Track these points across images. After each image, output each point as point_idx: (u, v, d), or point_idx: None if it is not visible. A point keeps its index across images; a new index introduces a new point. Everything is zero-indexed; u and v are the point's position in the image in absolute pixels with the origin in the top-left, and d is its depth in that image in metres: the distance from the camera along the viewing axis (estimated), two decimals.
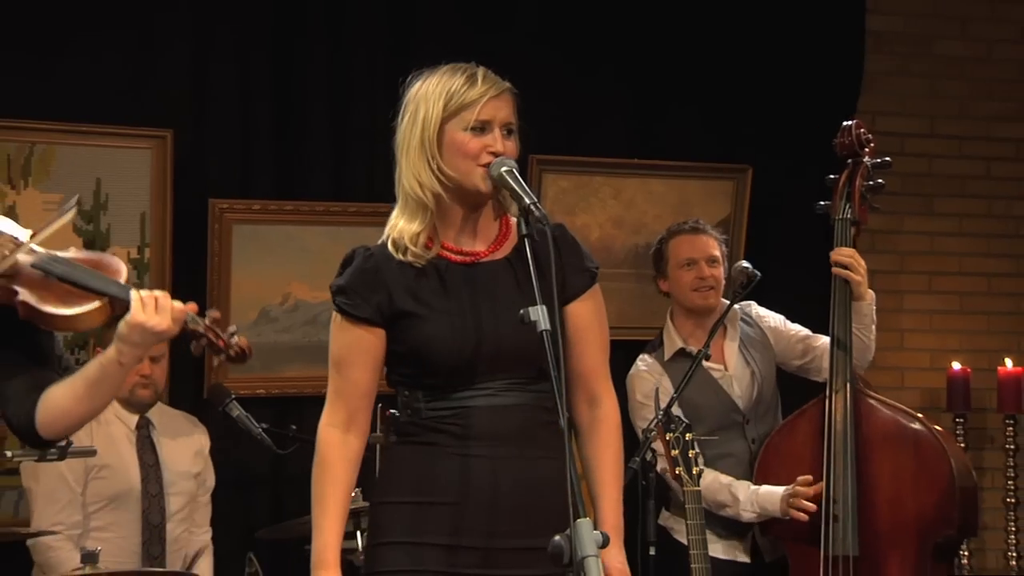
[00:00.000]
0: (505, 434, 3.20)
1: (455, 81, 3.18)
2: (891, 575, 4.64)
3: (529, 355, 3.18)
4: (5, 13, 5.31)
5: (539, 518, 3.17)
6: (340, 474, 3.23)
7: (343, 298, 3.20)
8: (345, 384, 3.23)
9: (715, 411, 4.85)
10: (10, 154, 5.35)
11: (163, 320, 2.78)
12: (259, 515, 5.40)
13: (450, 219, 3.24)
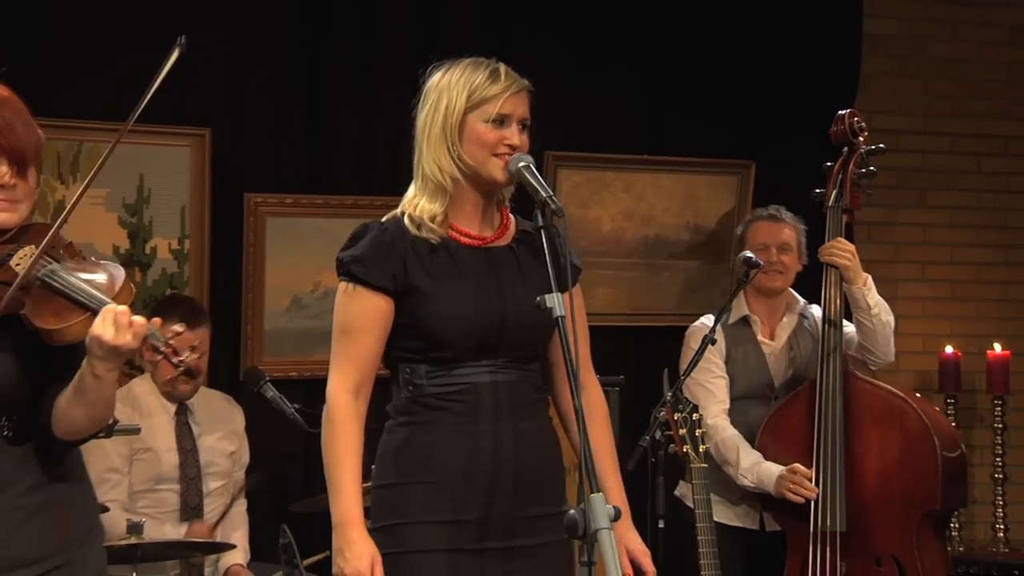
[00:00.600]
0: (504, 410, 3.21)
1: (479, 75, 3.20)
2: (878, 549, 4.65)
3: (531, 337, 3.24)
4: (57, 21, 5.34)
5: (541, 487, 3.23)
6: (356, 436, 3.19)
7: (359, 267, 3.18)
8: (357, 350, 3.19)
9: (752, 377, 4.90)
10: (60, 151, 5.37)
11: (121, 336, 2.68)
12: (291, 489, 5.42)
13: (461, 204, 3.25)
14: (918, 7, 6.57)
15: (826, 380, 4.69)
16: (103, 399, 2.82)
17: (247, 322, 5.60)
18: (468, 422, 3.19)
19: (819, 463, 4.65)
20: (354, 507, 3.14)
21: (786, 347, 4.95)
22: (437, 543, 3.16)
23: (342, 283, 3.23)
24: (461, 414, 3.19)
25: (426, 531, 3.17)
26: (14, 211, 2.89)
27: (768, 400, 4.92)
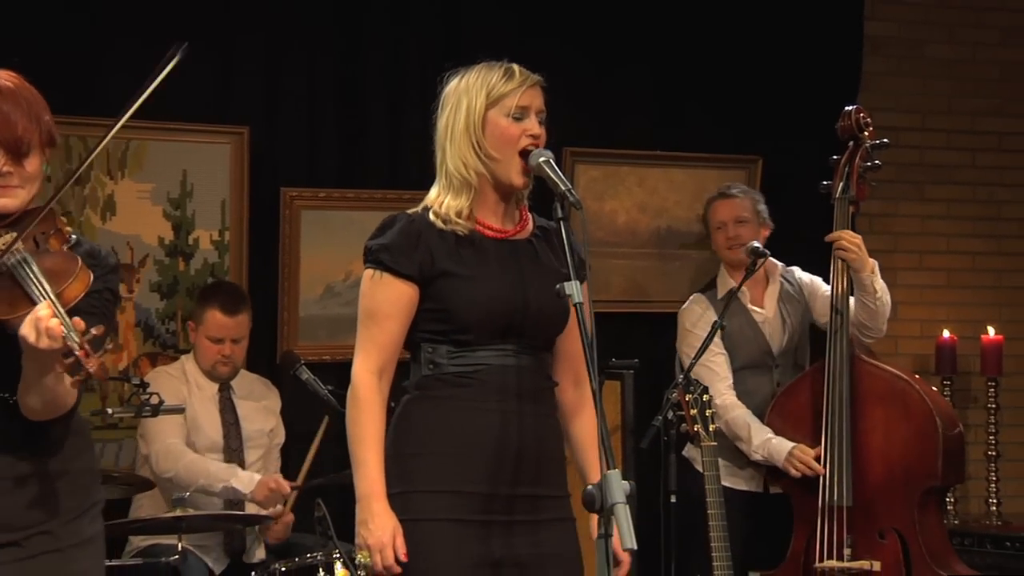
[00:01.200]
0: (517, 392, 3.21)
1: (494, 74, 3.22)
2: (881, 523, 4.66)
3: (548, 325, 3.26)
4: (106, 27, 5.36)
5: (544, 468, 3.23)
6: (379, 414, 3.20)
7: (387, 255, 3.18)
8: (382, 335, 3.20)
9: (751, 348, 4.92)
10: (108, 149, 5.37)
11: (41, 339, 2.63)
12: (325, 465, 5.42)
13: (485, 200, 3.25)
14: (916, 10, 6.55)
15: (833, 363, 4.70)
16: (48, 387, 2.77)
17: (283, 309, 5.61)
18: (482, 400, 3.20)
19: (827, 441, 4.66)
20: (377, 481, 3.16)
21: (777, 314, 4.96)
22: (444, 512, 3.16)
23: (369, 270, 3.23)
24: (476, 392, 3.20)
25: (435, 499, 3.17)
26: (12, 196, 2.85)
27: (769, 368, 4.94)
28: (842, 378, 4.68)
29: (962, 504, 6.37)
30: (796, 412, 4.78)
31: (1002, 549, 5.73)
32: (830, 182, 4.80)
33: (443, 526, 3.15)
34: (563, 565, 3.23)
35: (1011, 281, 6.67)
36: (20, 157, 2.84)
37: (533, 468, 3.20)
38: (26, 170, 2.86)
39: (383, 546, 3.11)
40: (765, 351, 4.94)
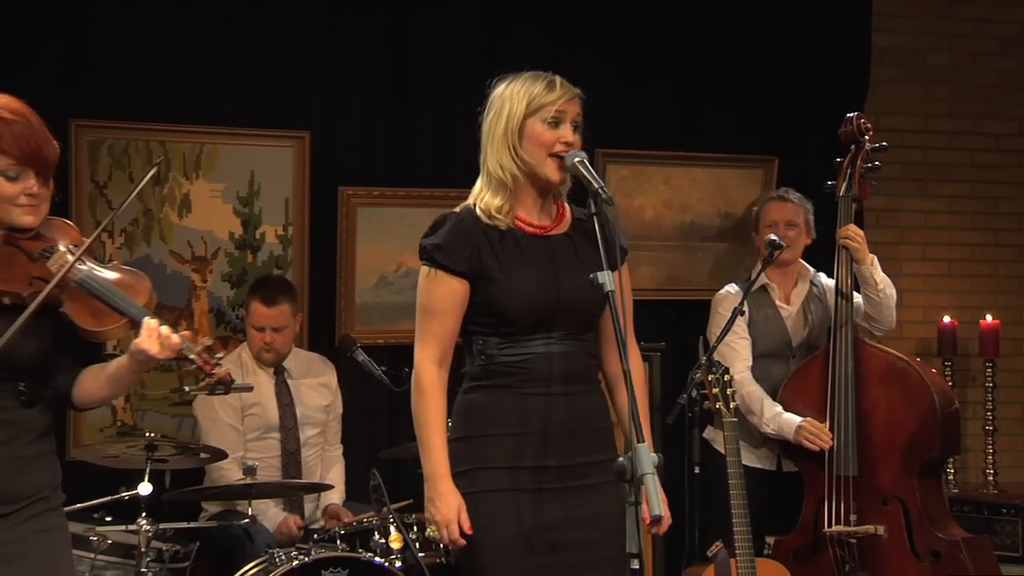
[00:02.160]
0: (562, 375, 3.23)
1: (537, 85, 3.23)
2: (884, 491, 4.67)
3: (586, 313, 3.26)
4: (182, 41, 5.39)
5: (590, 438, 3.26)
6: (441, 401, 3.24)
7: (440, 253, 3.20)
8: (440, 328, 3.22)
9: (772, 338, 4.93)
10: (185, 152, 5.42)
11: (163, 351, 2.80)
12: (380, 439, 5.46)
13: (523, 198, 3.26)
14: (919, 22, 6.52)
15: (839, 346, 4.70)
16: (127, 386, 2.98)
17: (341, 297, 5.63)
18: (530, 386, 3.22)
19: (833, 417, 4.67)
20: (442, 463, 3.19)
21: (801, 311, 4.97)
22: (503, 484, 3.20)
23: (424, 267, 3.25)
24: (525, 379, 3.22)
25: (494, 475, 3.20)
26: (38, 214, 2.93)
27: (787, 358, 4.94)
28: (847, 360, 4.69)
29: (961, 474, 6.36)
30: (806, 391, 4.78)
31: (998, 515, 5.72)
32: (834, 182, 4.80)
33: (503, 496, 3.19)
34: (605, 522, 3.24)
35: (1007, 271, 6.64)
36: (46, 179, 2.91)
37: (580, 439, 3.23)
38: (48, 189, 2.93)
39: (449, 521, 3.15)
40: (785, 342, 4.94)
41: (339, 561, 4.31)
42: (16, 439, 2.92)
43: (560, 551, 3.20)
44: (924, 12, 6.52)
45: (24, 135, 2.86)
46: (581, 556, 3.21)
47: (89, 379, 2.96)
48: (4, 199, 2.87)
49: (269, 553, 4.41)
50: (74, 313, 2.86)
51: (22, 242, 2.93)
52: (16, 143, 2.84)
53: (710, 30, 6.08)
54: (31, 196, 2.88)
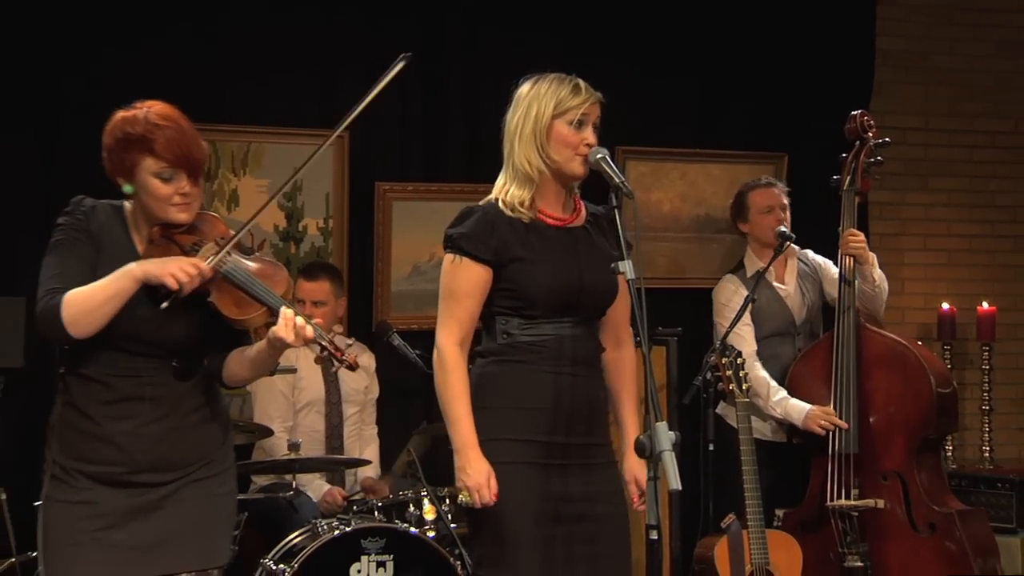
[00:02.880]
0: (574, 358, 3.23)
1: (564, 89, 3.23)
2: (884, 467, 4.67)
3: (602, 301, 3.28)
4: (231, 48, 5.42)
5: (596, 421, 3.27)
6: (464, 377, 3.24)
7: (466, 242, 3.21)
8: (462, 311, 3.22)
9: (777, 319, 4.92)
10: (233, 151, 5.45)
11: (297, 340, 2.89)
12: (414, 418, 5.47)
13: (545, 192, 3.27)
14: (920, 27, 6.49)
15: (843, 330, 4.70)
16: (267, 367, 3.08)
17: (377, 285, 5.65)
18: (547, 365, 3.22)
19: (836, 398, 4.66)
20: (470, 434, 3.19)
21: (798, 289, 4.96)
22: (516, 456, 3.20)
23: (449, 255, 3.25)
24: (542, 358, 3.22)
25: (508, 446, 3.21)
26: (190, 211, 3.01)
27: (792, 336, 4.94)
28: (850, 344, 4.68)
29: (959, 451, 6.34)
30: (811, 374, 4.78)
31: (994, 489, 5.71)
32: (839, 176, 4.78)
33: (518, 468, 3.19)
34: (610, 499, 3.26)
35: (1003, 260, 6.62)
36: (196, 179, 3.00)
37: (586, 421, 3.24)
38: (199, 188, 3.03)
39: (480, 487, 3.15)
40: (789, 321, 4.93)
41: (377, 531, 4.32)
42: (173, 412, 3.03)
43: (577, 524, 3.20)
44: (925, 17, 6.50)
45: (176, 139, 2.94)
46: (597, 531, 3.22)
47: (235, 361, 3.06)
48: (160, 199, 2.96)
49: (313, 523, 4.44)
50: (219, 302, 2.95)
51: (176, 236, 3.02)
52: (168, 147, 2.93)
53: (724, 35, 6.07)
54: (183, 196, 2.98)
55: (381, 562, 4.29)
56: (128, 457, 2.97)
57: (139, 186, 2.97)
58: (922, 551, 4.58)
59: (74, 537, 2.94)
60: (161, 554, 2.98)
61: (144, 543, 2.97)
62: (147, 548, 2.97)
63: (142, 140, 2.93)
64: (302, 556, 4.23)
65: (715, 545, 4.34)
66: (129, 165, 2.96)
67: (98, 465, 2.97)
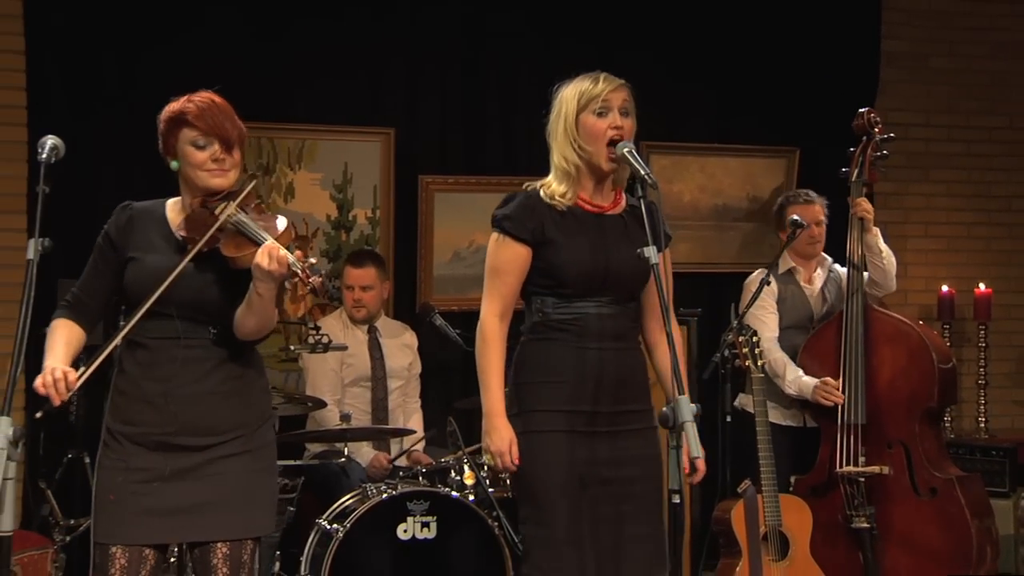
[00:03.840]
0: (609, 334, 3.21)
1: (585, 83, 3.22)
2: (889, 436, 4.64)
3: (630, 283, 3.24)
4: (287, 52, 5.44)
5: (630, 389, 3.24)
6: (501, 349, 3.22)
7: (509, 223, 3.20)
8: (504, 287, 3.21)
9: (797, 312, 4.90)
10: (289, 147, 5.47)
11: (271, 263, 2.81)
12: (454, 391, 5.47)
13: (584, 183, 3.25)
14: (922, 31, 6.44)
15: (851, 311, 4.67)
16: (265, 312, 2.92)
17: (421, 270, 5.65)
18: (581, 341, 3.20)
19: (845, 373, 4.64)
20: (499, 401, 3.19)
21: (821, 292, 4.94)
22: (555, 426, 3.19)
23: (495, 234, 3.24)
24: (576, 335, 3.20)
25: (548, 417, 3.19)
26: (225, 177, 3.00)
27: (808, 330, 4.92)
28: (857, 324, 4.65)
29: (957, 422, 6.31)
30: (823, 350, 4.75)
31: (989, 457, 5.69)
32: (848, 169, 4.76)
33: (551, 436, 3.18)
34: (646, 462, 3.24)
35: (999, 246, 6.57)
36: (229, 149, 2.99)
37: (621, 390, 3.22)
38: (233, 158, 3.01)
39: (502, 452, 3.15)
40: (808, 316, 4.92)
41: (421, 495, 4.34)
42: (207, 377, 2.98)
43: (607, 485, 3.18)
44: (926, 21, 6.44)
45: (208, 110, 2.98)
46: (626, 490, 3.20)
47: (239, 312, 2.96)
48: (196, 165, 2.97)
49: (363, 487, 4.45)
50: (224, 247, 2.94)
51: (211, 202, 3.01)
52: (201, 116, 2.97)
53: (741, 39, 6.04)
54: (217, 161, 2.97)
55: (425, 523, 4.31)
56: (164, 418, 2.93)
57: (181, 158, 3.00)
58: (924, 513, 4.56)
59: (118, 498, 2.92)
60: (198, 518, 2.94)
61: (182, 507, 2.92)
62: (185, 512, 2.92)
63: (181, 114, 2.99)
64: (353, 517, 4.26)
65: (732, 508, 4.33)
66: (173, 141, 3.00)
67: (138, 427, 2.94)
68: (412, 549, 4.29)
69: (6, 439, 2.49)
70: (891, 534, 4.59)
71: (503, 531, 4.37)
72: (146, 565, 2.93)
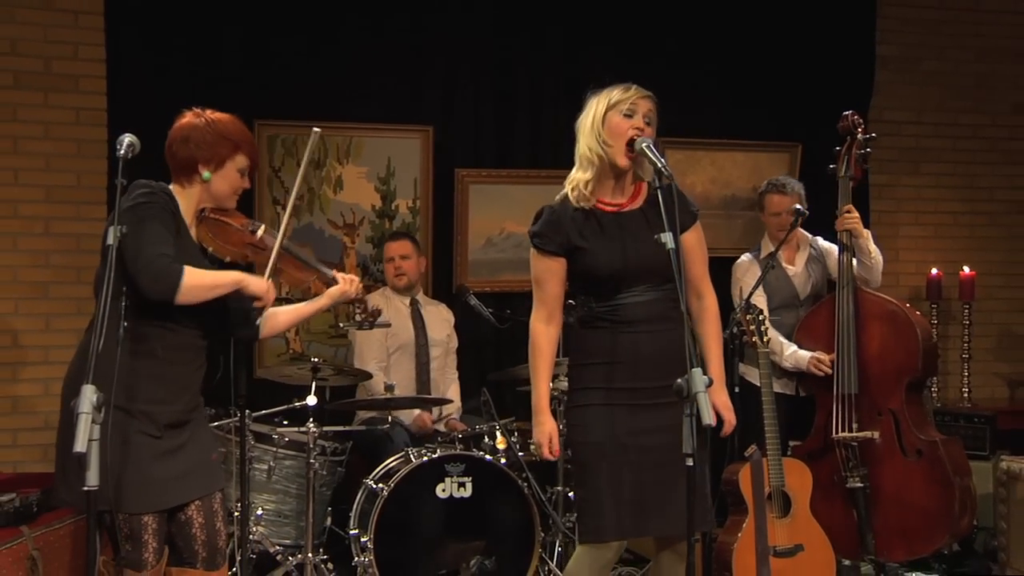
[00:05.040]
0: (645, 318, 3.23)
1: (616, 89, 3.26)
2: (879, 404, 4.62)
3: (659, 268, 3.22)
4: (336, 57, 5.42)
5: (671, 367, 3.21)
6: (548, 352, 3.30)
7: (539, 240, 3.27)
8: (545, 295, 3.29)
9: (784, 293, 4.88)
10: (338, 143, 5.47)
11: (354, 290, 3.20)
12: (487, 365, 5.48)
13: (604, 180, 3.27)
14: (913, 36, 6.37)
15: (843, 295, 4.66)
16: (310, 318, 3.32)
17: (456, 254, 5.65)
18: (618, 328, 3.24)
19: (839, 349, 4.63)
20: (544, 398, 3.27)
21: (804, 270, 4.91)
22: (597, 400, 3.25)
23: (532, 250, 3.31)
24: (614, 322, 3.24)
25: (591, 394, 3.26)
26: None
27: (796, 307, 4.90)
28: (849, 303, 4.64)
29: (943, 392, 6.27)
30: (817, 328, 4.75)
31: (971, 423, 5.65)
32: (835, 165, 4.75)
33: (596, 410, 3.25)
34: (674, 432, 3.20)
35: (982, 233, 6.51)
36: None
37: (657, 368, 3.22)
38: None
39: (542, 444, 3.28)
40: (794, 295, 4.90)
41: (458, 458, 4.36)
42: (201, 364, 3.08)
43: (648, 453, 3.22)
44: (917, 28, 6.38)
45: (256, 149, 3.12)
46: (666, 458, 3.21)
47: (282, 319, 3.24)
48: (235, 189, 3.07)
49: (406, 450, 4.47)
50: (286, 268, 3.12)
51: (225, 217, 3.06)
52: (256, 151, 3.10)
53: (750, 44, 6.00)
54: (243, 189, 3.11)
55: (462, 483, 4.33)
56: (179, 398, 2.99)
57: (221, 175, 3.00)
58: (911, 472, 4.56)
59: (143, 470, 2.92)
60: (193, 481, 3.02)
61: (188, 471, 3.00)
62: (181, 477, 2.98)
63: (246, 143, 3.02)
64: (397, 477, 4.28)
65: (740, 471, 4.32)
66: (222, 155, 2.99)
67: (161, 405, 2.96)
68: (449, 506, 4.31)
69: (91, 405, 2.50)
70: (882, 492, 4.59)
71: (531, 491, 4.38)
72: (163, 525, 2.99)
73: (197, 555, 3.05)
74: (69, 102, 5.10)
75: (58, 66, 5.09)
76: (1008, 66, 6.47)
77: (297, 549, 4.48)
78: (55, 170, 5.09)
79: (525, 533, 4.33)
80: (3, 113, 5.02)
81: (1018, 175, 6.52)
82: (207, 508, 3.06)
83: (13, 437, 4.98)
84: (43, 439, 4.94)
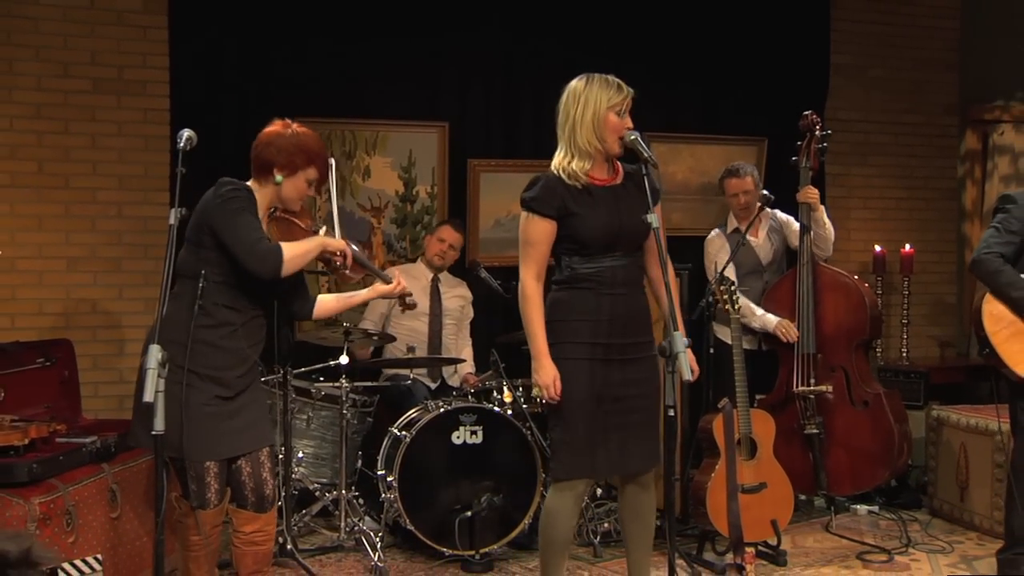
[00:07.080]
0: (623, 281, 3.17)
1: (611, 89, 3.17)
2: (833, 362, 4.65)
3: (638, 239, 3.19)
4: (364, 61, 5.31)
5: (639, 325, 3.21)
6: (540, 304, 3.19)
7: (536, 203, 3.15)
8: (536, 254, 3.17)
9: (750, 261, 4.88)
10: (366, 137, 5.38)
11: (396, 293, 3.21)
12: (496, 328, 5.41)
13: (598, 163, 3.19)
14: (862, 47, 6.30)
15: (803, 268, 4.66)
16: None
17: (469, 233, 5.57)
18: (600, 288, 3.16)
19: (799, 314, 4.62)
20: (543, 344, 3.15)
21: (767, 240, 4.90)
22: (581, 355, 3.16)
23: (524, 212, 3.20)
24: (596, 283, 3.16)
25: (575, 348, 3.16)
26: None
27: (761, 274, 4.89)
28: (808, 276, 4.65)
29: (886, 352, 6.24)
30: (781, 297, 4.77)
31: (909, 379, 5.68)
32: (796, 158, 4.69)
33: (579, 363, 3.16)
34: (647, 384, 3.24)
35: (920, 216, 6.46)
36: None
37: (630, 327, 3.19)
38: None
39: (548, 385, 3.13)
40: (758, 263, 4.88)
41: (471, 409, 4.32)
42: (262, 339, 3.06)
43: (619, 402, 3.17)
44: (865, 40, 6.32)
45: (327, 165, 3.06)
46: (633, 406, 3.18)
47: (333, 304, 3.22)
48: (302, 195, 3.05)
49: (424, 403, 4.42)
50: (352, 270, 3.11)
51: (293, 218, 3.03)
52: (326, 168, 3.04)
53: (723, 52, 5.92)
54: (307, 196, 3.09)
55: (474, 431, 4.29)
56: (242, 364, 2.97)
57: (292, 182, 2.98)
58: (859, 420, 4.62)
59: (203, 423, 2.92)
60: (247, 437, 2.99)
61: (237, 430, 2.97)
62: (237, 433, 2.97)
63: (316, 157, 2.98)
64: (418, 426, 4.25)
65: (713, 420, 4.26)
66: (297, 165, 2.96)
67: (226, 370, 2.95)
68: (463, 451, 4.27)
69: (156, 362, 2.54)
70: (833, 437, 4.63)
71: (534, 438, 4.33)
72: (224, 471, 2.99)
73: (247, 499, 3.05)
74: (138, 104, 5.10)
75: (129, 73, 5.08)
76: (940, 74, 6.45)
77: (332, 487, 4.51)
78: (127, 162, 5.11)
79: (528, 474, 4.29)
80: (84, 114, 5.03)
81: (949, 167, 6.49)
82: (254, 460, 3.04)
83: (94, 389, 5.00)
84: (119, 391, 5.01)
